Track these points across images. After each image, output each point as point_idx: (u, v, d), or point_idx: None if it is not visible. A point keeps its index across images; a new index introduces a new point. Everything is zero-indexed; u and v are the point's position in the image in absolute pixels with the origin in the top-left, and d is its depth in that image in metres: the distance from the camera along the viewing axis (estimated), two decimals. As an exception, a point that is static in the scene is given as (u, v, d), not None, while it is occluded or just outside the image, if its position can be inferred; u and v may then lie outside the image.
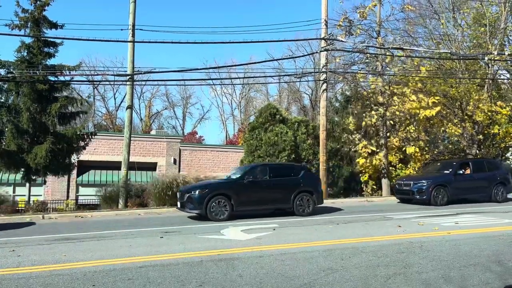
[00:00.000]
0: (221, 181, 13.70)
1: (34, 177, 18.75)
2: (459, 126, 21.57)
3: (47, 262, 6.50)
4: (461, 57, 21.69)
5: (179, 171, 27.33)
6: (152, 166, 28.74)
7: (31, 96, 17.27)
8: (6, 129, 17.32)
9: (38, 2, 18.18)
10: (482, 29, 22.53)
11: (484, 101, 21.32)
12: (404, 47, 21.28)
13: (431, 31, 24.22)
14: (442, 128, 22.02)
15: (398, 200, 17.13)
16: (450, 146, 24.65)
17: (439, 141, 25.33)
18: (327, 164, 19.16)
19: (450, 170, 16.22)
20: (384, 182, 21.51)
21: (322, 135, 18.97)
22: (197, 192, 11.99)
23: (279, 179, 12.93)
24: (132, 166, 18.85)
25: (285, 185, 12.90)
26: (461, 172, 16.20)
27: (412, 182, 16.03)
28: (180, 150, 30.19)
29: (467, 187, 15.92)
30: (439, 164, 18.29)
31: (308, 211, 12.80)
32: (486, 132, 22.32)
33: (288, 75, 36.27)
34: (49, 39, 18.43)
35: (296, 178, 13.17)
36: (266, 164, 15.13)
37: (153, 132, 41.25)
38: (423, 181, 15.64)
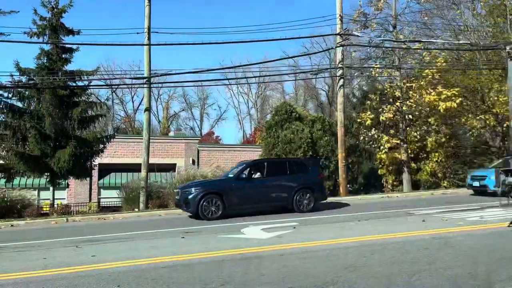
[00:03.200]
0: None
1: (58, 181, 19.17)
2: (479, 118, 21.05)
3: (72, 264, 6.62)
4: (481, 48, 21.17)
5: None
6: (171, 167, 29.00)
7: (53, 101, 17.66)
8: (30, 135, 17.76)
9: (55, 10, 18.57)
10: (500, 19, 21.95)
11: (506, 92, 20.77)
12: (421, 40, 20.92)
13: (449, 21, 23.70)
14: (463, 120, 21.50)
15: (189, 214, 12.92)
16: (472, 138, 24.11)
17: (460, 132, 24.79)
18: (346, 161, 18.99)
19: (234, 174, 13.19)
20: (405, 177, 21.22)
21: (340, 131, 18.81)
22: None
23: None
24: (152, 168, 19.09)
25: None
26: (244, 175, 12.77)
27: (180, 190, 12.83)
28: (198, 150, 30.39)
29: (255, 195, 12.48)
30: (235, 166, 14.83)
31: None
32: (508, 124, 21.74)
33: (304, 72, 36.10)
34: (67, 45, 18.81)
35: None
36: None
37: (171, 133, 41.60)
38: (192, 189, 12.27)
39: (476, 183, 16.21)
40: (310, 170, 13.53)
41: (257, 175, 13.04)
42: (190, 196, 12.02)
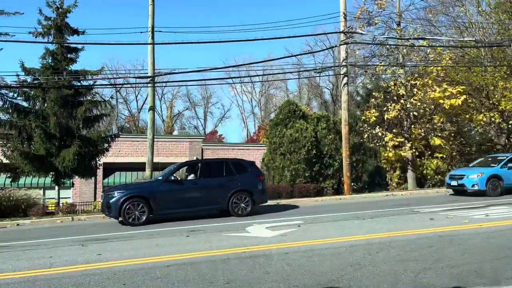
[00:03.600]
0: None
1: (63, 180, 19.25)
2: (485, 115, 20.93)
3: (78, 263, 6.66)
4: (486, 45, 21.06)
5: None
6: (175, 166, 29.04)
7: (58, 101, 17.73)
8: (35, 134, 17.84)
9: (60, 10, 18.63)
10: (505, 16, 21.84)
11: (511, 89, 20.66)
12: (426, 37, 20.84)
13: (454, 19, 23.57)
14: (468, 116, 21.38)
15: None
16: (477, 136, 24.01)
17: (465, 129, 24.67)
18: (350, 159, 18.95)
19: (163, 176, 12.30)
20: (410, 175, 21.15)
21: (344, 129, 18.76)
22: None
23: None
24: (156, 167, 19.11)
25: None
26: (173, 177, 12.03)
27: (104, 194, 12.30)
28: (202, 149, 30.44)
29: (187, 198, 11.80)
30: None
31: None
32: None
33: (308, 71, 35.95)
34: (72, 45, 18.88)
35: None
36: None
37: (175, 132, 41.69)
38: (115, 192, 11.51)
39: (454, 182, 15.83)
40: (249, 171, 12.68)
41: (191, 176, 12.38)
42: (112, 200, 11.22)
